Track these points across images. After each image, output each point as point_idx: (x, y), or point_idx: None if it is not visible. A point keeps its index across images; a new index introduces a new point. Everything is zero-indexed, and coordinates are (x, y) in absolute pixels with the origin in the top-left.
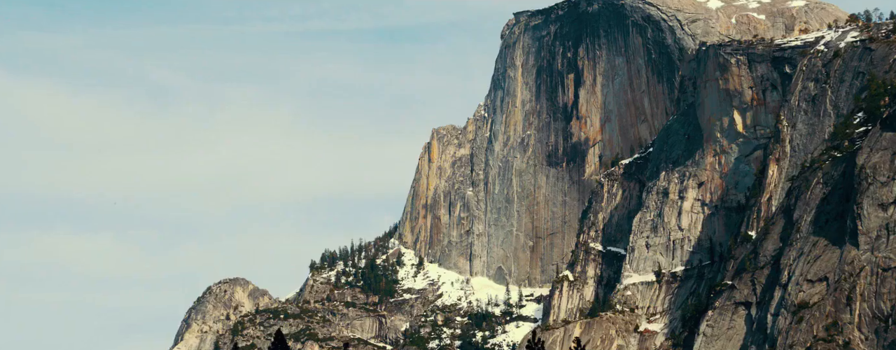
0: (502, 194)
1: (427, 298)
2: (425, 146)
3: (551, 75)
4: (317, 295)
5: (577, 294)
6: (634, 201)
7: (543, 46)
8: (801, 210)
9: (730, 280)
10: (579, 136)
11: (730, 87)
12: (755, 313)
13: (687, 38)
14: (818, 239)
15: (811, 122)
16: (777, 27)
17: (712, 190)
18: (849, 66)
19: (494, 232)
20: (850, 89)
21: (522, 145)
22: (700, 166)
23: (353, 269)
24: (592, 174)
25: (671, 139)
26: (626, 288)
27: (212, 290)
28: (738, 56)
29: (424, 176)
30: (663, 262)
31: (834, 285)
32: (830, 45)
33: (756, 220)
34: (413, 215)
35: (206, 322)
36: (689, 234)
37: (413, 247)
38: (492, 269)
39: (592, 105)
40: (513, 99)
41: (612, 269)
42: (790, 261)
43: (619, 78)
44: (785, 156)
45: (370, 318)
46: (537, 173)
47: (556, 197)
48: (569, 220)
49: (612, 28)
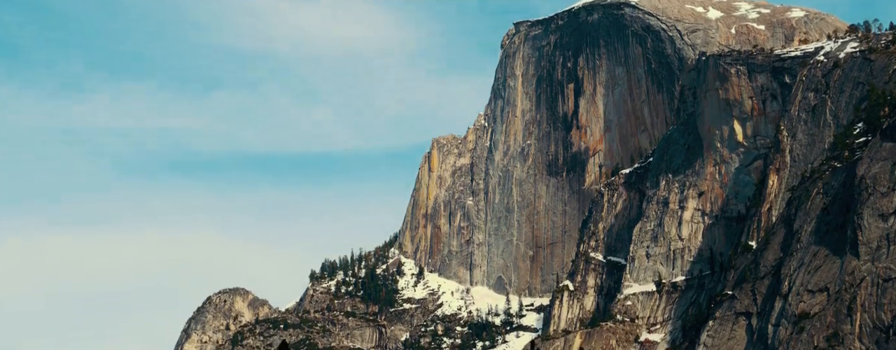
0: (502, 204)
1: (427, 308)
2: (425, 156)
3: (551, 85)
4: (317, 305)
5: (577, 304)
6: (635, 211)
7: (543, 56)
8: (801, 220)
9: (730, 290)
10: (579, 146)
11: (730, 97)
12: (756, 324)
13: (687, 48)
14: (819, 249)
15: (811, 133)
16: (777, 38)
17: (712, 200)
18: (849, 77)
19: (495, 241)
20: (849, 100)
21: (523, 155)
22: (700, 176)
23: (353, 278)
24: (593, 184)
25: (671, 149)
26: (627, 298)
27: (212, 300)
28: (738, 66)
29: (424, 185)
30: (664, 271)
31: (834, 296)
32: (830, 56)
33: (756, 231)
34: (413, 225)
35: (205, 332)
36: (690, 243)
37: (413, 256)
38: (492, 279)
39: (592, 115)
40: (513, 108)
41: (612, 278)
42: (791, 271)
43: (619, 88)
44: (785, 166)
45: (370, 328)
46: (537, 183)
47: (557, 206)
48: (569, 229)
49: (612, 38)
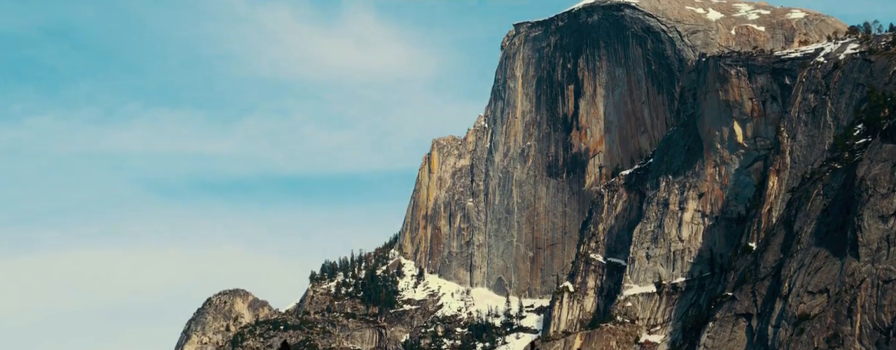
0: (503, 205)
1: (427, 309)
2: (426, 157)
3: (551, 86)
4: (317, 306)
5: (577, 305)
6: (635, 212)
7: (544, 57)
8: (801, 221)
9: (730, 291)
10: (579, 147)
11: (730, 98)
12: (756, 325)
13: (687, 50)
14: (819, 250)
15: (811, 134)
16: (777, 39)
17: (713, 201)
18: (849, 78)
19: (495, 243)
20: (849, 101)
21: (523, 156)
22: (700, 177)
23: (353, 279)
24: (593, 185)
25: (671, 150)
26: (627, 299)
27: (212, 301)
28: (738, 67)
29: (424, 186)
30: (664, 273)
31: (835, 297)
32: (830, 57)
33: (756, 232)
34: (413, 226)
35: (206, 333)
36: (690, 245)
37: (413, 257)
38: (492, 280)
39: (592, 116)
40: (513, 110)
41: (612, 279)
42: (791, 272)
43: (619, 89)
44: (785, 167)
45: (370, 329)
46: (537, 184)
47: (557, 207)
48: (569, 230)
49: (612, 39)
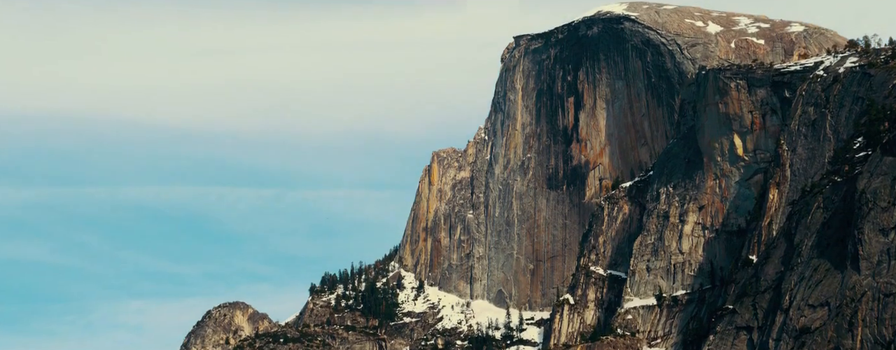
0: (503, 217)
1: (427, 322)
2: (426, 169)
3: (551, 98)
4: (317, 318)
5: (577, 318)
6: (635, 225)
7: (543, 70)
8: (801, 234)
9: (731, 304)
10: (579, 160)
11: (730, 111)
12: (757, 338)
13: (686, 63)
14: (819, 263)
15: (811, 147)
16: (776, 52)
17: (713, 214)
18: (848, 91)
19: (495, 255)
20: (849, 114)
21: (523, 168)
22: (700, 190)
23: (353, 292)
24: (593, 197)
25: (671, 162)
26: (627, 312)
27: (211, 314)
28: (738, 80)
29: (424, 199)
30: (664, 285)
31: (835, 310)
32: (830, 70)
33: (757, 245)
34: (413, 238)
35: (205, 346)
36: (690, 257)
37: (413, 270)
38: (492, 293)
39: (592, 128)
40: (513, 122)
41: (613, 292)
42: (791, 285)
43: (619, 101)
44: (785, 180)
45: (370, 342)
46: (538, 196)
47: (557, 220)
48: (569, 243)
49: (612, 52)
